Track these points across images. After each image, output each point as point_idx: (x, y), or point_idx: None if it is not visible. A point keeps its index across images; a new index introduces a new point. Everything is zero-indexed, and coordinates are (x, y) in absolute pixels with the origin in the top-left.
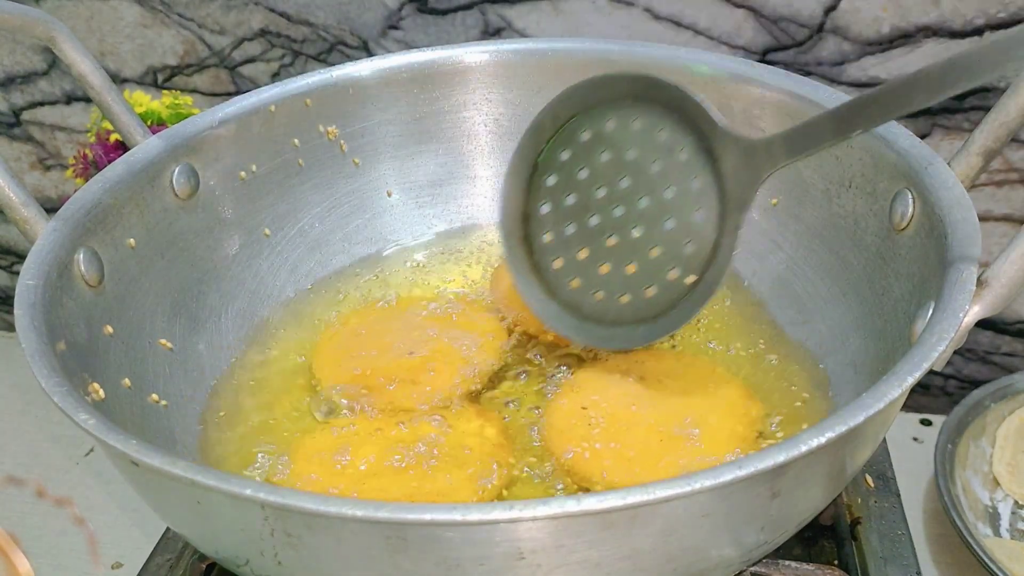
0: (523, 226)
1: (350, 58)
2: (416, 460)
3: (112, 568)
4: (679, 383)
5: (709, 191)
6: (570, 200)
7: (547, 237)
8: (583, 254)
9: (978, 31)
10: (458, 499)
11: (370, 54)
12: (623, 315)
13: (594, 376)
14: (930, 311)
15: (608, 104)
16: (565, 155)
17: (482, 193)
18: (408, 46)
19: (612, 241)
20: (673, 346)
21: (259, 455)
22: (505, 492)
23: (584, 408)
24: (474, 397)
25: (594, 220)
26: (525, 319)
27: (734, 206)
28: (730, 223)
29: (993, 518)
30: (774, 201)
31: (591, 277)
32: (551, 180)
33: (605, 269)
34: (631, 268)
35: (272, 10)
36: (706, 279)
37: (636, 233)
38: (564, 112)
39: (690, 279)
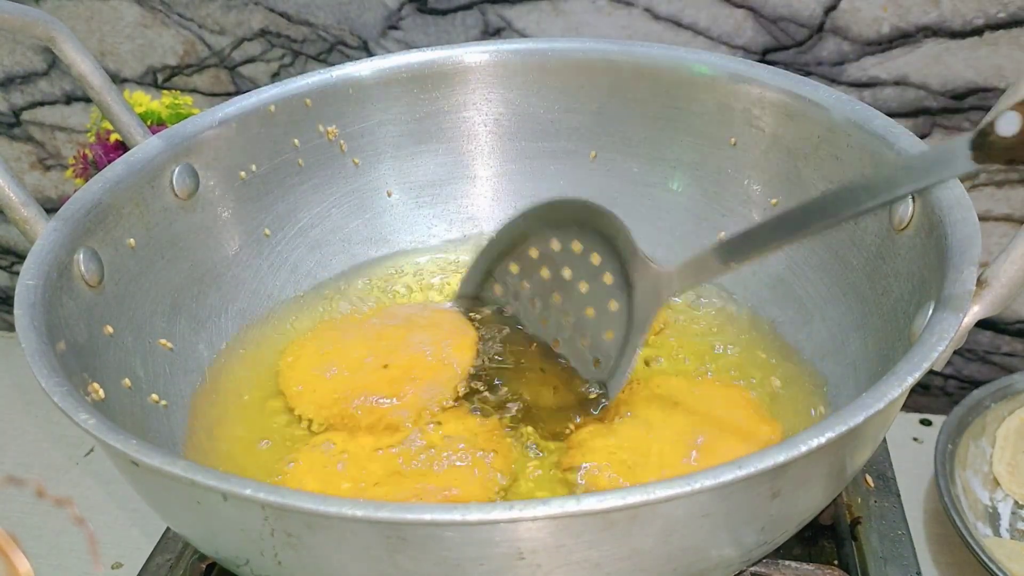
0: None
1: (350, 58)
2: (422, 464)
3: (112, 568)
4: (695, 407)
5: (621, 315)
6: (510, 308)
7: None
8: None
9: (978, 31)
10: (469, 498)
11: (370, 54)
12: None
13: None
14: (930, 311)
15: (556, 227)
16: (515, 268)
17: (482, 193)
18: (408, 46)
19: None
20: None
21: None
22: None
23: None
24: (466, 397)
25: (525, 326)
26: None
27: (636, 330)
28: (630, 345)
29: (993, 518)
30: (774, 201)
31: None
32: (499, 288)
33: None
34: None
35: (272, 10)
36: (608, 393)
37: (557, 347)
38: (522, 229)
39: (593, 393)
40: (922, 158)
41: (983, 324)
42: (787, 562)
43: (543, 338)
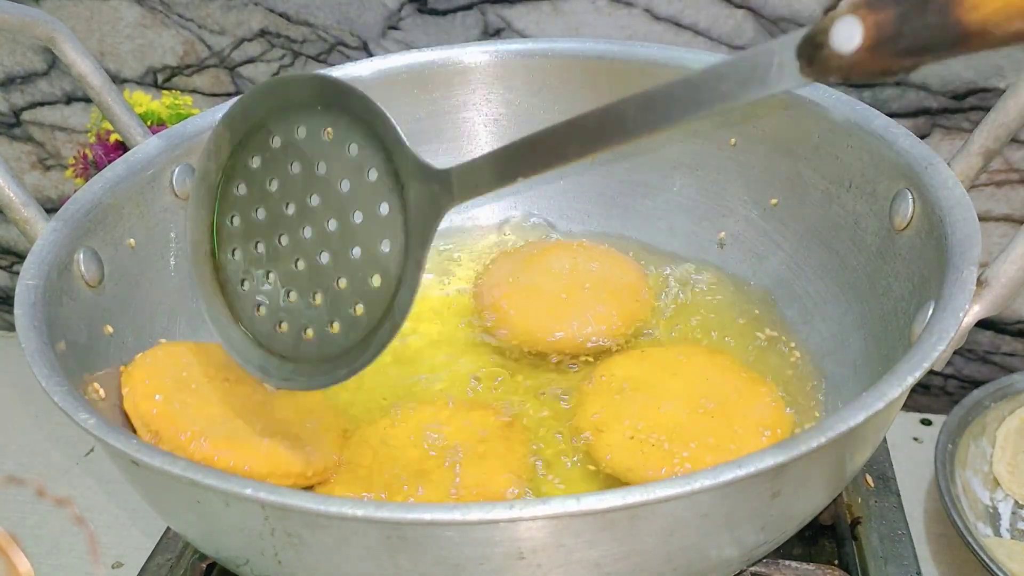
0: (211, 239)
1: (350, 58)
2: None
3: (112, 568)
4: (712, 377)
5: (395, 220)
6: (260, 215)
7: (236, 254)
8: (271, 277)
9: None
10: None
11: (370, 54)
12: (307, 352)
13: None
14: (930, 311)
15: (298, 108)
16: (255, 162)
17: None
18: (408, 46)
19: (301, 266)
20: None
21: None
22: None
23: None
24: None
25: (284, 240)
26: (510, 329)
27: (417, 241)
28: (412, 259)
29: (993, 518)
30: (774, 201)
31: (277, 305)
32: (241, 189)
33: (293, 298)
34: (318, 299)
35: (272, 10)
36: (389, 317)
37: (324, 259)
38: (253, 113)
39: (371, 316)
40: (734, 65)
41: (983, 324)
42: (787, 562)
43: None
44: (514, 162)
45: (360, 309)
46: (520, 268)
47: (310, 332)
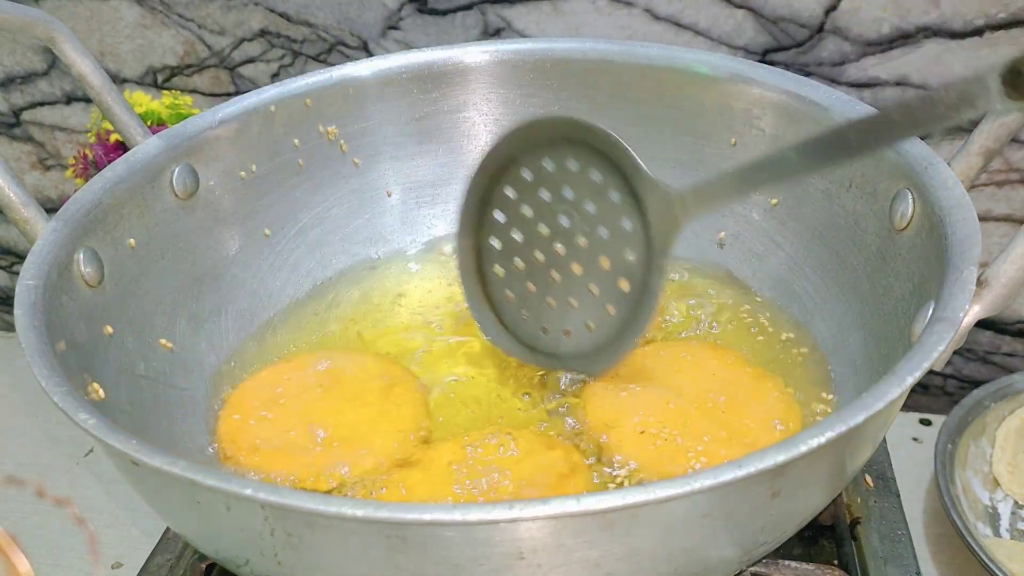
0: (476, 259)
1: (350, 58)
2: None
3: (112, 568)
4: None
5: (638, 233)
6: (517, 236)
7: (498, 270)
8: (530, 287)
9: (978, 31)
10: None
11: (370, 54)
12: (567, 348)
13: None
14: (930, 311)
15: (545, 146)
16: (511, 192)
17: None
18: (408, 46)
19: (556, 276)
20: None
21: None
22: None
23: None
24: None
25: (539, 255)
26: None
27: (658, 250)
28: (655, 266)
29: (993, 518)
30: (774, 201)
31: (538, 310)
32: (499, 216)
33: (551, 303)
34: (573, 303)
35: (272, 10)
36: (636, 317)
37: (576, 269)
38: (507, 152)
39: (620, 315)
40: (947, 91)
41: (983, 324)
42: (787, 562)
43: (557, 264)
44: (744, 181)
45: (612, 310)
46: None
47: (570, 331)
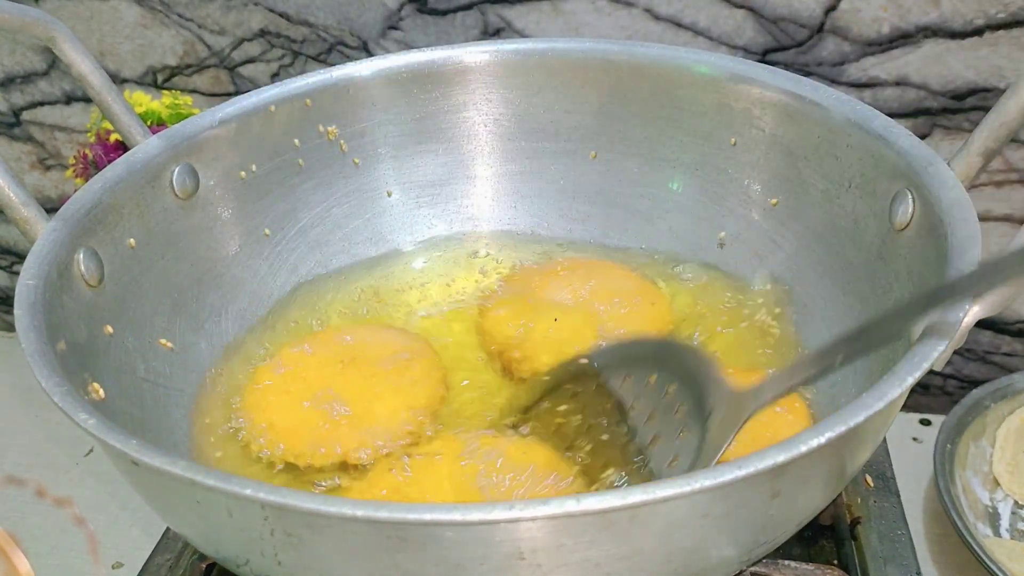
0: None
1: (350, 58)
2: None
3: (112, 568)
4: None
5: (690, 443)
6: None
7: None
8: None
9: (978, 31)
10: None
11: (370, 54)
12: None
13: None
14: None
15: (635, 361)
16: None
17: (482, 193)
18: (408, 46)
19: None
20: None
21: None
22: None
23: None
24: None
25: (600, 453)
26: (510, 351)
27: (709, 454)
28: (700, 465)
29: (993, 518)
30: (774, 201)
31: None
32: (575, 420)
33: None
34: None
35: (272, 10)
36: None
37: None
38: (599, 363)
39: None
40: (1004, 260)
41: (983, 324)
42: (787, 562)
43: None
44: (813, 364)
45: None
46: (529, 291)
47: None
